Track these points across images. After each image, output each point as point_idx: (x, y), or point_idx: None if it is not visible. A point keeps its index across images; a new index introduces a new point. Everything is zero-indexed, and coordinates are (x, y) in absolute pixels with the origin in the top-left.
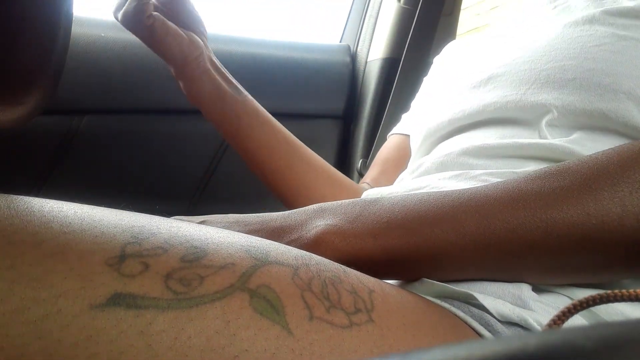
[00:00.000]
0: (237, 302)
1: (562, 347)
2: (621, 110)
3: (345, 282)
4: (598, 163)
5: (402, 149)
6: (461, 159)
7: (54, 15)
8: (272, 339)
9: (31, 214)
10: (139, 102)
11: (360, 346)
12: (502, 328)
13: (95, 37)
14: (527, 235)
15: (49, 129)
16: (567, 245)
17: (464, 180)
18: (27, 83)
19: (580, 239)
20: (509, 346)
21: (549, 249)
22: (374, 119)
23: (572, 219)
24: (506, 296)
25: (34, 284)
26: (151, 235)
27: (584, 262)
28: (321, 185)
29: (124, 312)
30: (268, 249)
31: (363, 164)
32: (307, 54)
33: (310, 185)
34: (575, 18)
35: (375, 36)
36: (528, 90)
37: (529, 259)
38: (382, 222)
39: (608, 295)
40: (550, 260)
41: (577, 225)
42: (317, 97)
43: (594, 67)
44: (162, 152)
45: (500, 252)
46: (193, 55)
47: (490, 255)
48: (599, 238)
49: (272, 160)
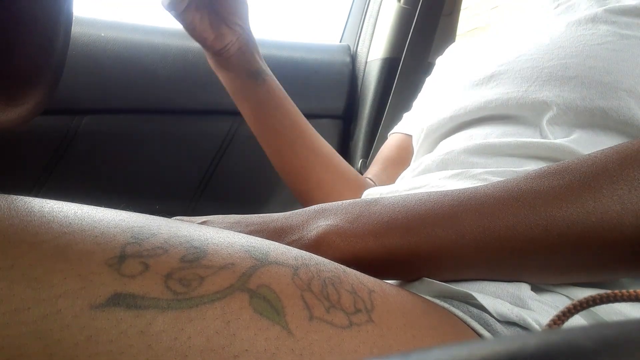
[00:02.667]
0: (237, 303)
1: (562, 347)
2: (622, 109)
3: (345, 282)
4: (597, 161)
5: (403, 149)
6: (462, 157)
7: (54, 15)
8: (272, 339)
9: (31, 214)
10: (139, 102)
11: (360, 346)
12: (501, 328)
13: (95, 37)
14: (527, 234)
15: (49, 129)
16: (566, 243)
17: (464, 179)
18: (27, 83)
19: (580, 237)
20: (509, 346)
21: (548, 247)
22: (374, 119)
23: (571, 217)
24: (505, 296)
25: (34, 284)
26: (151, 236)
27: (584, 260)
28: (320, 171)
29: (123, 312)
30: (268, 249)
31: (363, 164)
32: (307, 54)
33: (309, 168)
34: (578, 17)
35: (375, 36)
36: (530, 87)
37: (529, 258)
38: (382, 222)
39: (608, 295)
40: (550, 259)
41: (577, 223)
42: (317, 97)
43: (595, 65)
44: (162, 152)
45: (501, 251)
46: (215, 48)
47: (490, 254)
48: (599, 236)
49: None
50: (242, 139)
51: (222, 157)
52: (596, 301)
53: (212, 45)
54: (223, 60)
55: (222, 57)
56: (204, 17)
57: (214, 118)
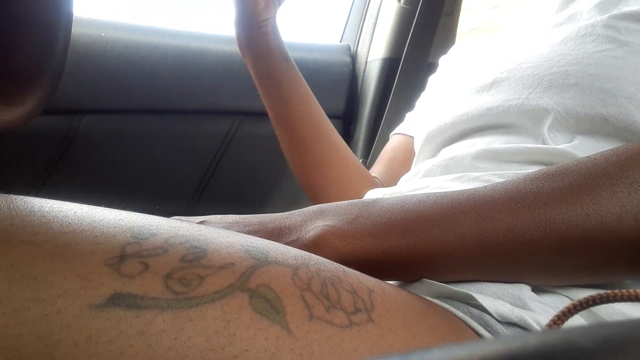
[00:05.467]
0: (236, 302)
1: (562, 347)
2: (622, 115)
3: (345, 282)
4: (597, 164)
5: (407, 151)
6: (465, 161)
7: (54, 15)
8: (272, 338)
9: (31, 214)
10: (139, 102)
11: (360, 346)
12: (501, 328)
13: (95, 37)
14: (526, 235)
15: (49, 129)
16: (566, 245)
17: (466, 181)
18: (27, 83)
19: (579, 239)
20: (509, 346)
21: (548, 249)
22: (374, 119)
23: (571, 219)
24: (505, 296)
25: (33, 284)
26: (151, 236)
27: (583, 262)
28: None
29: (123, 312)
30: (267, 249)
31: (363, 164)
32: (307, 54)
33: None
34: (579, 25)
35: (375, 36)
36: (530, 94)
37: (528, 260)
38: (381, 223)
39: (608, 295)
40: (549, 261)
41: (576, 225)
42: (317, 97)
43: (596, 72)
44: (162, 152)
45: (500, 253)
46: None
47: (489, 255)
48: (598, 238)
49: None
50: (242, 139)
51: (222, 157)
52: (596, 301)
53: (260, 13)
54: (260, 36)
55: (261, 31)
56: None
57: (214, 118)
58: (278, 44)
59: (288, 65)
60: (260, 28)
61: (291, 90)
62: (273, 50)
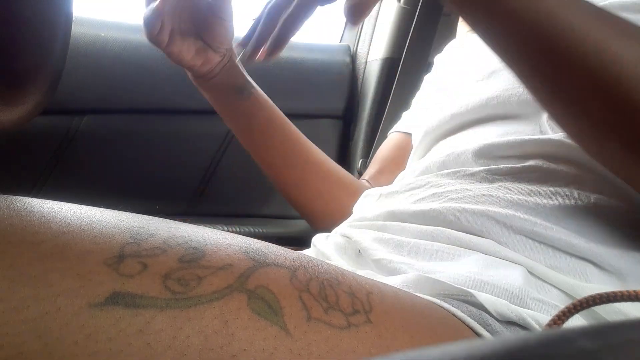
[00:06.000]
0: (235, 303)
1: (562, 347)
2: None
3: (343, 284)
4: None
5: (402, 148)
6: (462, 158)
7: (53, 15)
8: (270, 338)
9: (31, 214)
10: (139, 102)
11: (358, 347)
12: (500, 328)
13: (95, 37)
14: (580, 41)
15: (49, 129)
16: (602, 75)
17: (462, 177)
18: (27, 83)
19: (615, 74)
20: (509, 346)
21: (582, 64)
22: (374, 119)
23: (622, 55)
24: (505, 295)
25: (33, 283)
26: (150, 236)
27: (597, 104)
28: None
29: (122, 311)
30: (266, 251)
31: (363, 164)
32: (307, 54)
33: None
34: None
35: (375, 36)
36: None
37: (561, 66)
38: None
39: (608, 295)
40: (573, 78)
41: (615, 58)
42: (317, 97)
43: None
44: (162, 152)
45: (547, 42)
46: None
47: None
48: (618, 76)
49: (270, 156)
50: None
51: (222, 157)
52: (596, 301)
53: (199, 70)
54: (207, 81)
55: (207, 78)
56: (190, 46)
57: (214, 118)
58: (228, 82)
59: (243, 96)
60: (206, 77)
61: (248, 122)
62: (223, 89)
